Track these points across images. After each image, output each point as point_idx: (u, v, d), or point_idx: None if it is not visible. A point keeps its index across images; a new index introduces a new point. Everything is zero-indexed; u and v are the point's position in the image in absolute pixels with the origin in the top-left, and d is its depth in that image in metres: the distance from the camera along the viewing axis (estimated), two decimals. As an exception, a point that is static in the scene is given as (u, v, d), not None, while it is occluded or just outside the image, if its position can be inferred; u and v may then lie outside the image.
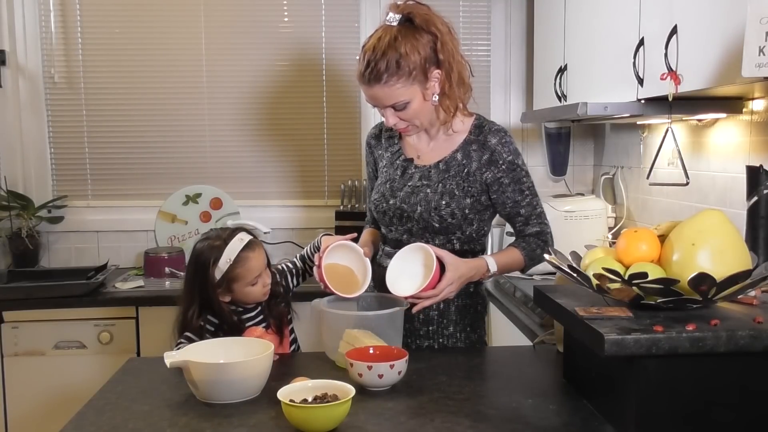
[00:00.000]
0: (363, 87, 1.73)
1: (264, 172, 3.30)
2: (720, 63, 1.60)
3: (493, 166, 1.77)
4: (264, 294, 1.79)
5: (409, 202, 1.81)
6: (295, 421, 1.27)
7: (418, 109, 1.73)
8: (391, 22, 1.72)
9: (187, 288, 1.76)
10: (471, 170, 1.78)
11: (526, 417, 1.34)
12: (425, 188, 1.81)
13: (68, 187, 3.23)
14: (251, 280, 1.74)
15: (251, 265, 1.74)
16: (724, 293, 1.21)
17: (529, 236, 1.83)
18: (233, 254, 1.72)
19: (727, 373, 1.19)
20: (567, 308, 1.31)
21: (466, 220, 1.79)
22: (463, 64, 1.77)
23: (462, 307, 1.86)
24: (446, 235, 1.80)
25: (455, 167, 1.80)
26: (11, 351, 2.67)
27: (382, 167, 1.95)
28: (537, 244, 1.81)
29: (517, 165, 1.79)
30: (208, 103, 3.24)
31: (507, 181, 1.78)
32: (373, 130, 2.01)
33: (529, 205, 1.81)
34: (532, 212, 1.82)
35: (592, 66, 2.39)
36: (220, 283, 1.72)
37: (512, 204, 1.80)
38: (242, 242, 1.74)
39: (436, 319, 1.85)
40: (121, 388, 1.53)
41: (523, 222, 1.83)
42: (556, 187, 3.32)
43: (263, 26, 3.22)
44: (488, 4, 3.27)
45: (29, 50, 3.12)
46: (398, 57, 1.66)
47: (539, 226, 1.83)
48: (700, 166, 2.27)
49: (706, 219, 1.28)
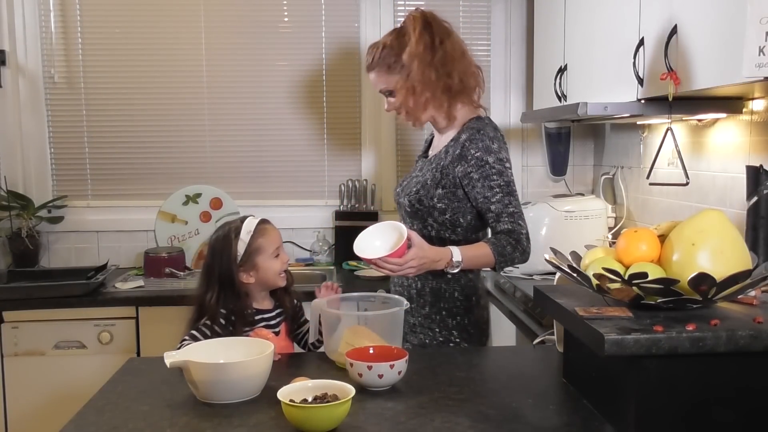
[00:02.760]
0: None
1: (264, 172, 3.30)
2: (720, 63, 1.60)
3: (463, 161, 1.89)
4: (283, 277, 1.85)
5: (404, 190, 2.03)
6: (295, 421, 1.27)
7: (400, 98, 1.97)
8: None
9: (206, 273, 1.83)
10: (445, 164, 1.93)
11: (526, 417, 1.35)
12: (414, 178, 2.03)
13: (68, 187, 3.23)
14: (273, 250, 1.82)
15: (271, 235, 1.85)
16: (724, 293, 1.21)
17: (500, 233, 1.86)
18: (252, 226, 1.83)
19: (727, 372, 1.19)
20: (567, 308, 1.31)
21: (436, 209, 1.93)
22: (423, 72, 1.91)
23: (436, 290, 1.95)
24: (420, 220, 1.96)
25: (436, 161, 1.97)
26: (11, 351, 2.66)
27: None
28: (508, 241, 1.84)
29: (486, 162, 1.87)
30: (208, 103, 3.24)
31: (476, 176, 1.87)
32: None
33: (499, 202, 1.86)
34: (503, 210, 1.86)
35: (592, 66, 2.39)
36: (244, 258, 1.79)
37: (482, 199, 1.88)
38: (257, 219, 1.87)
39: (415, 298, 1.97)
40: (121, 388, 1.53)
41: (494, 218, 1.88)
42: (556, 187, 3.32)
43: (263, 26, 3.22)
44: (488, 4, 3.27)
45: (29, 50, 3.12)
46: (382, 49, 1.96)
47: (511, 225, 1.86)
48: (700, 166, 2.27)
49: (706, 219, 1.28)
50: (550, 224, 2.70)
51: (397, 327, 1.72)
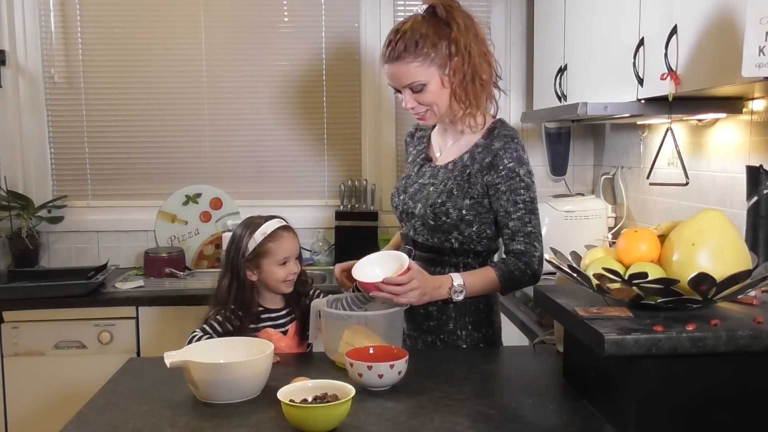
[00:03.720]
0: (385, 67, 1.78)
1: (264, 172, 3.30)
2: (720, 63, 1.60)
3: (493, 170, 1.75)
4: (287, 285, 1.83)
5: (414, 198, 1.85)
6: (295, 421, 1.27)
7: (436, 93, 1.75)
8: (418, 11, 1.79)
9: (224, 257, 1.88)
10: (473, 172, 1.77)
11: (526, 417, 1.34)
12: (430, 186, 1.83)
13: (68, 187, 3.23)
14: (280, 259, 1.80)
15: (283, 243, 1.82)
16: (724, 293, 1.21)
17: (510, 254, 1.77)
18: (269, 229, 1.82)
19: (727, 372, 1.19)
20: (567, 308, 1.31)
21: (464, 221, 1.77)
22: (481, 62, 1.77)
23: (461, 304, 1.82)
24: (444, 233, 1.80)
25: (460, 168, 1.80)
26: (11, 351, 2.67)
27: (407, 163, 2.03)
28: (516, 265, 1.74)
29: (517, 174, 1.74)
30: (208, 103, 3.24)
31: (503, 188, 1.74)
32: (411, 128, 2.07)
33: (519, 219, 1.75)
34: (521, 228, 1.75)
35: (592, 66, 2.39)
36: (251, 256, 1.80)
37: (503, 213, 1.76)
38: (281, 222, 1.87)
39: (435, 314, 1.84)
40: (121, 388, 1.53)
41: (509, 236, 1.77)
42: (556, 187, 3.32)
43: (263, 26, 3.22)
44: (488, 4, 3.27)
45: (29, 50, 3.12)
46: (417, 37, 1.71)
47: (524, 246, 1.74)
48: (700, 166, 2.27)
49: (706, 219, 1.28)
50: (550, 224, 2.70)
51: (397, 327, 1.72)
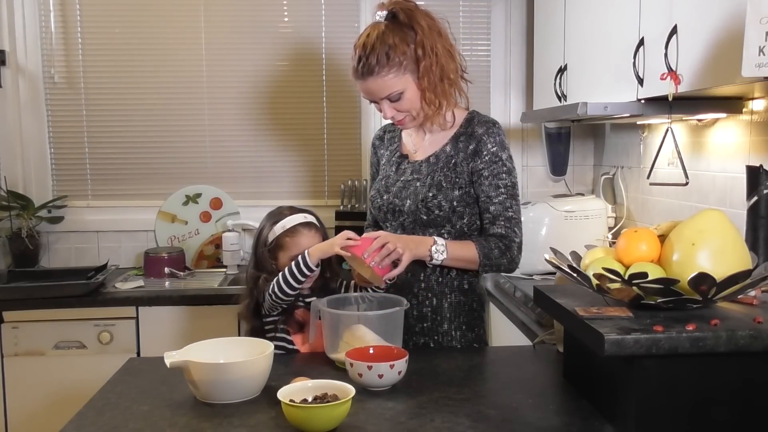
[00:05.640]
0: (358, 83, 1.80)
1: (264, 172, 3.30)
2: (720, 63, 1.60)
3: (477, 157, 1.78)
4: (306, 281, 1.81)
5: (400, 196, 1.85)
6: (295, 421, 1.27)
7: (413, 98, 1.77)
8: (378, 19, 1.79)
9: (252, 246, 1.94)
10: (458, 161, 1.80)
11: (526, 417, 1.34)
12: (415, 182, 1.84)
13: (68, 187, 3.23)
14: (294, 255, 1.79)
15: (301, 240, 1.84)
16: (724, 293, 1.21)
17: (491, 236, 1.78)
18: (290, 223, 1.86)
19: (727, 372, 1.19)
20: (567, 308, 1.31)
21: (455, 213, 1.79)
22: (447, 60, 1.77)
23: (456, 304, 1.85)
24: (436, 228, 1.81)
25: (444, 159, 1.82)
26: (11, 351, 2.66)
27: (382, 165, 1.99)
28: (497, 245, 1.76)
29: (499, 158, 1.77)
30: (208, 103, 3.24)
31: (486, 173, 1.77)
32: (379, 131, 2.06)
33: (500, 204, 1.77)
34: (502, 213, 1.77)
35: (592, 66, 2.39)
36: (270, 246, 1.85)
37: (485, 198, 1.78)
38: (305, 218, 1.88)
39: (429, 315, 1.84)
40: (121, 388, 1.53)
41: (489, 220, 1.79)
42: (556, 187, 3.32)
43: (263, 26, 3.22)
44: (488, 4, 3.27)
45: (29, 50, 3.12)
46: (387, 49, 1.72)
47: (505, 230, 1.77)
48: (700, 166, 2.27)
49: (706, 219, 1.28)
50: (550, 224, 2.70)
51: (397, 327, 1.72)
